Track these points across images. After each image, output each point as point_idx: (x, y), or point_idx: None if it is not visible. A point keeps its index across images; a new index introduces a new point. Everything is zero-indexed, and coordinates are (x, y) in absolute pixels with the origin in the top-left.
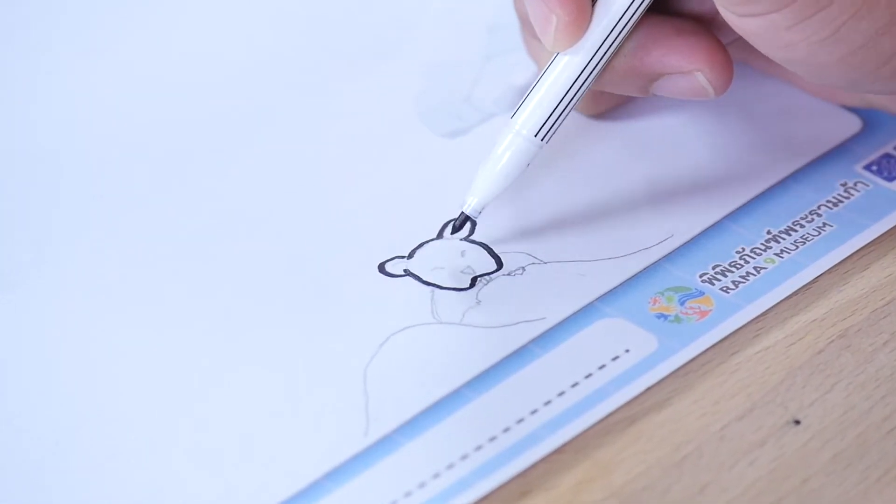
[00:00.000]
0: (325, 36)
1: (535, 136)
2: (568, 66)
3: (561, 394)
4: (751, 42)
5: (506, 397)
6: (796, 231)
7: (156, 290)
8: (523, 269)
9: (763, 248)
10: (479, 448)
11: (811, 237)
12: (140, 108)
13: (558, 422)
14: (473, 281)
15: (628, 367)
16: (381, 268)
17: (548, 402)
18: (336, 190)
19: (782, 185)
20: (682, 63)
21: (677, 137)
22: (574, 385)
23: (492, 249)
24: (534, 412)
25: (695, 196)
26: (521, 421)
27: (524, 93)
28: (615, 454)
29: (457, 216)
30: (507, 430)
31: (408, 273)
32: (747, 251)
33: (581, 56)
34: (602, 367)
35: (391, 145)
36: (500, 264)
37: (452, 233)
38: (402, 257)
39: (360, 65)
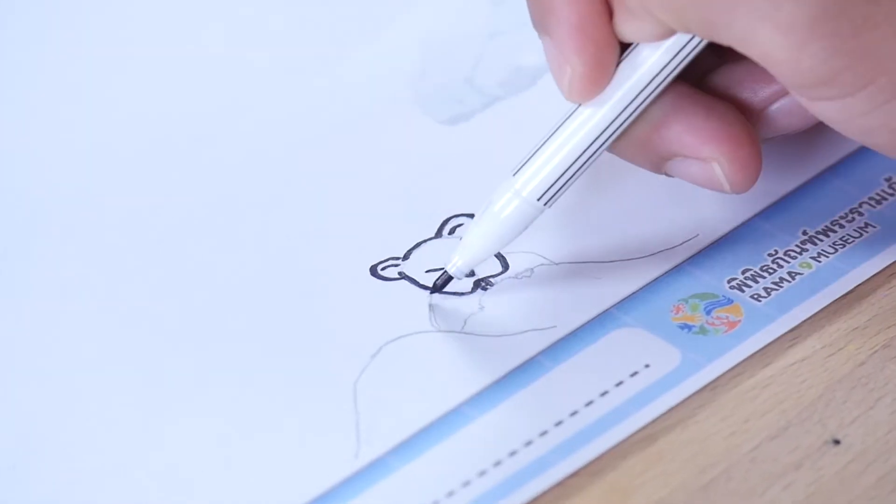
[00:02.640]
0: (308, 9)
1: (538, 200)
2: (583, 127)
3: (573, 413)
4: (831, 126)
5: (512, 416)
6: (835, 232)
7: (124, 296)
8: (531, 271)
9: (798, 250)
10: (482, 473)
11: (852, 239)
12: (112, 96)
13: (571, 445)
14: (476, 284)
15: (648, 385)
16: (374, 270)
17: (559, 423)
18: (322, 184)
19: (820, 179)
20: (700, 147)
21: None
22: (588, 403)
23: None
24: (543, 434)
25: (723, 192)
26: (529, 443)
27: (532, 75)
28: (634, 477)
29: (439, 275)
30: (513, 453)
31: (403, 276)
32: (781, 254)
33: (599, 116)
34: (619, 383)
35: (383, 133)
36: (505, 266)
37: (432, 292)
38: (397, 258)
39: (347, 42)
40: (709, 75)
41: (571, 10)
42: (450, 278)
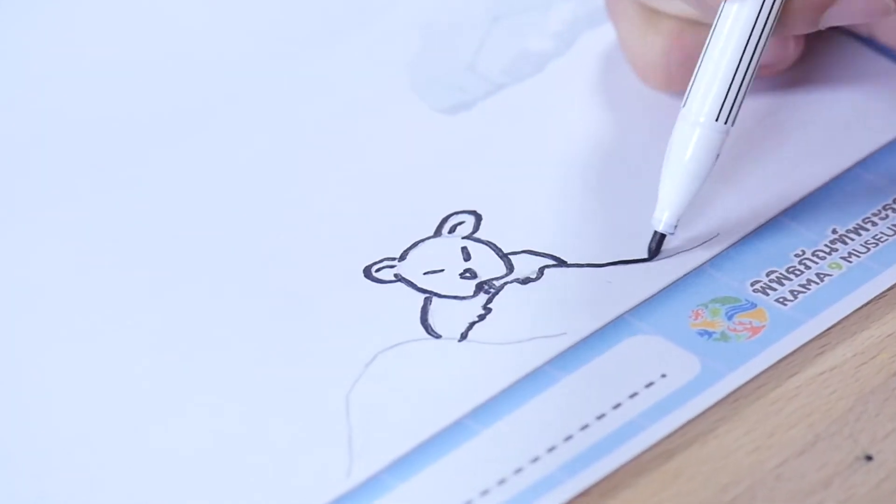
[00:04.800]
0: None
1: (718, 120)
2: (738, 20)
3: (584, 427)
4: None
5: (518, 431)
6: (867, 230)
7: (104, 300)
8: (539, 272)
9: (827, 250)
10: (485, 492)
11: (885, 237)
12: (98, 88)
13: (581, 461)
14: (478, 287)
15: (665, 396)
16: (367, 272)
17: (568, 438)
18: (312, 179)
19: (850, 174)
20: None
21: None
22: (600, 417)
23: (500, 249)
24: (551, 449)
25: (746, 187)
26: (536, 460)
27: (539, 60)
28: (649, 497)
29: (651, 238)
30: (519, 470)
31: (399, 278)
32: (808, 254)
33: (750, 3)
34: (634, 395)
35: (379, 123)
36: (510, 267)
37: (650, 258)
38: (393, 259)
39: (341, 27)
40: None
41: None
42: (663, 237)
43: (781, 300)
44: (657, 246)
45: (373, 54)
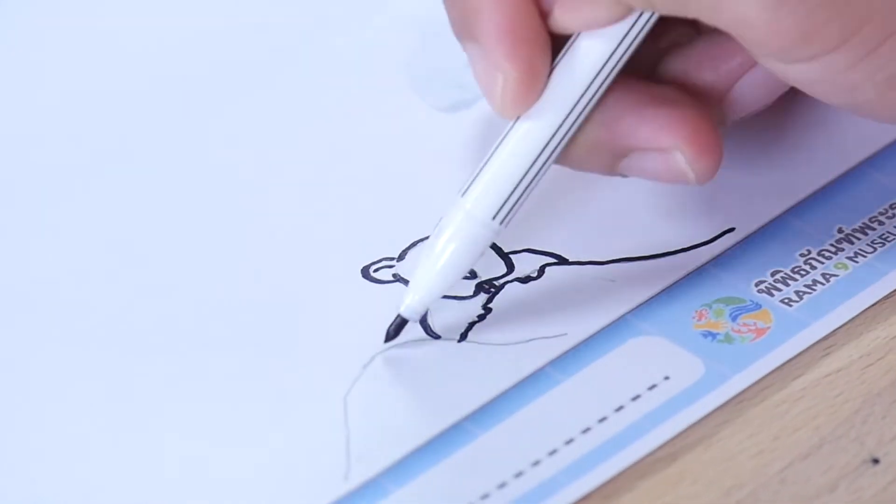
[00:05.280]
0: None
1: (493, 219)
2: (527, 138)
3: (586, 430)
4: (809, 92)
5: (518, 434)
6: (873, 229)
7: (97, 301)
8: (540, 271)
9: (833, 250)
10: (485, 496)
11: (892, 237)
12: (83, 83)
13: (582, 465)
14: (478, 287)
15: (668, 399)
16: (366, 272)
17: (569, 441)
18: (309, 178)
19: (856, 172)
20: (658, 137)
21: None
22: (602, 420)
23: (500, 248)
24: (552, 453)
25: (750, 185)
26: (536, 463)
27: None
28: (652, 500)
29: (391, 321)
30: (519, 474)
31: (398, 279)
32: (814, 254)
33: (541, 126)
34: (636, 397)
35: (378, 121)
36: (510, 266)
37: (386, 340)
38: (391, 259)
39: (337, 23)
40: (658, 65)
41: (498, 10)
42: (404, 322)
43: (787, 301)
44: (395, 331)
45: (370, 52)
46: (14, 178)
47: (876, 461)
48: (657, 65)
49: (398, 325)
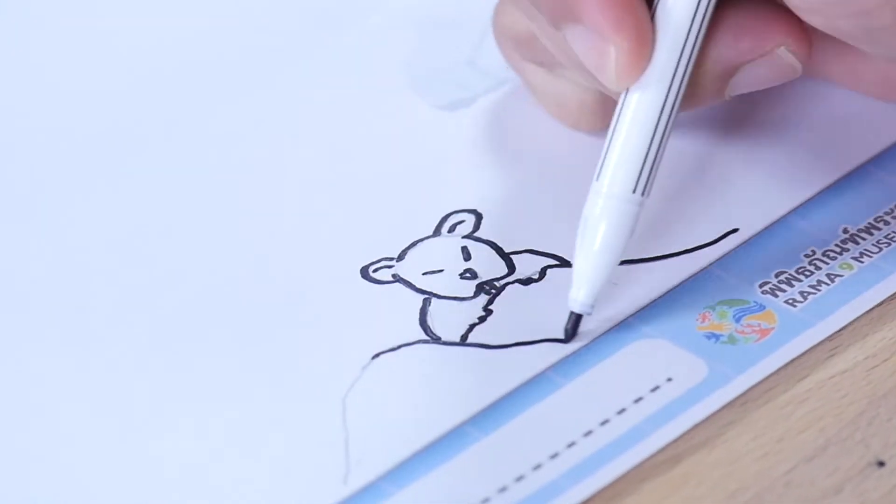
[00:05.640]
0: None
1: (634, 192)
2: (643, 103)
3: (588, 433)
4: (815, 18)
5: (519, 437)
6: (879, 229)
7: (90, 301)
8: (541, 273)
9: (838, 250)
10: (485, 500)
11: None
12: (80, 81)
13: (584, 469)
14: (479, 288)
15: (671, 401)
16: (365, 273)
17: (571, 444)
18: (307, 177)
19: (861, 171)
20: (760, 44)
21: (732, 112)
22: (604, 423)
23: (501, 249)
24: (554, 456)
25: (754, 185)
26: (538, 467)
27: None
28: (655, 503)
29: (567, 320)
30: (520, 478)
31: (397, 279)
32: (819, 255)
33: (654, 88)
34: (639, 399)
35: (377, 120)
36: (511, 267)
37: (566, 340)
38: (391, 259)
39: (335, 20)
40: None
41: None
42: (580, 318)
43: (791, 302)
44: (574, 328)
45: (369, 50)
46: (12, 177)
47: (882, 464)
48: None
49: (574, 323)
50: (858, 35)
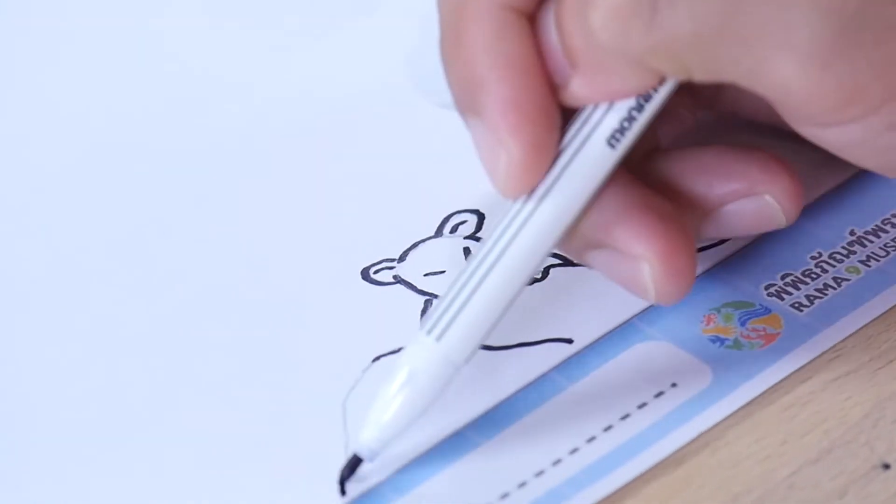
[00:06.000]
0: None
1: (466, 361)
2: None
3: (591, 439)
4: (841, 156)
5: (521, 443)
6: (886, 232)
7: (86, 303)
8: (544, 273)
9: (845, 253)
10: None
11: None
12: (77, 80)
13: (587, 475)
14: None
15: (675, 407)
16: (366, 274)
17: (574, 450)
18: (307, 177)
19: (869, 173)
20: (631, 243)
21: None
22: (607, 428)
23: None
24: (557, 462)
25: None
26: (540, 473)
27: None
28: None
29: (345, 461)
30: (522, 484)
31: (399, 280)
32: (825, 257)
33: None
34: (642, 405)
35: (377, 119)
36: None
37: (342, 482)
38: (392, 261)
39: (336, 17)
40: (650, 160)
41: (504, 83)
42: (359, 461)
43: (797, 305)
44: (350, 471)
45: (369, 47)
46: (11, 177)
47: (886, 466)
48: (650, 159)
49: (353, 466)
50: (883, 168)
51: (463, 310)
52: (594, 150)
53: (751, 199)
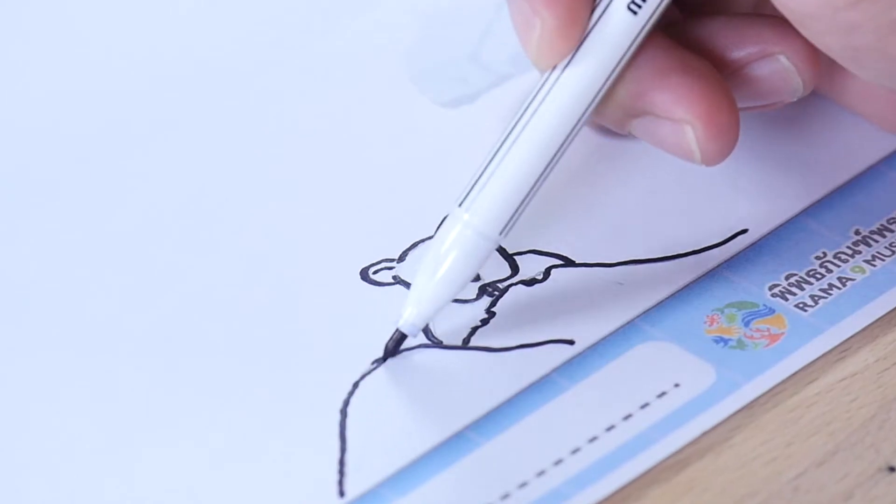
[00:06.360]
0: None
1: (501, 234)
2: (538, 142)
3: (593, 439)
4: (804, 31)
5: (522, 443)
6: (892, 231)
7: (86, 305)
8: (545, 274)
9: (850, 252)
10: None
11: None
12: (75, 78)
13: (589, 476)
14: (482, 290)
15: (678, 407)
16: (364, 274)
17: (576, 450)
18: (305, 176)
19: (874, 171)
20: (673, 106)
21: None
22: (609, 428)
23: (504, 249)
24: (558, 463)
25: (764, 185)
26: (541, 473)
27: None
28: None
29: (390, 336)
30: (523, 484)
31: (398, 281)
32: (830, 257)
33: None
34: (645, 405)
35: (377, 117)
36: (515, 268)
37: (386, 355)
38: (391, 261)
39: (335, 14)
40: (680, 26)
41: None
42: (403, 337)
43: (801, 305)
44: (395, 346)
45: (369, 44)
46: (10, 177)
47: (892, 469)
48: (680, 25)
49: (397, 341)
50: (846, 56)
51: (491, 180)
52: (616, 17)
53: (766, 60)
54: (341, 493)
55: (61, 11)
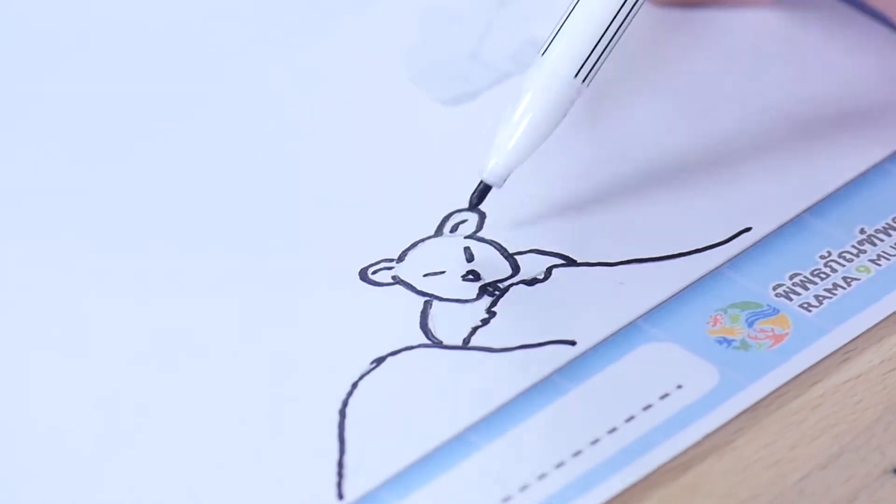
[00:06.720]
0: None
1: (576, 76)
2: None
3: (594, 442)
4: None
5: (524, 445)
6: None
7: (82, 306)
8: (547, 273)
9: (855, 252)
10: None
11: None
12: (73, 76)
13: (591, 478)
14: (482, 290)
15: (681, 408)
16: (363, 274)
17: (577, 453)
18: (306, 174)
19: (879, 169)
20: None
21: (745, 107)
22: (612, 430)
23: (505, 249)
24: (560, 465)
25: (767, 183)
26: (543, 476)
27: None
28: None
29: (475, 188)
30: (524, 487)
31: (397, 281)
32: (835, 256)
33: None
34: (648, 407)
35: (376, 115)
36: (515, 268)
37: (471, 207)
38: (391, 261)
39: (334, 11)
40: None
41: None
42: (488, 188)
43: (805, 306)
44: (479, 198)
45: (369, 41)
46: (10, 177)
47: None
48: None
49: (481, 192)
50: None
51: (567, 23)
52: None
53: None
54: (340, 496)
55: (62, 12)
